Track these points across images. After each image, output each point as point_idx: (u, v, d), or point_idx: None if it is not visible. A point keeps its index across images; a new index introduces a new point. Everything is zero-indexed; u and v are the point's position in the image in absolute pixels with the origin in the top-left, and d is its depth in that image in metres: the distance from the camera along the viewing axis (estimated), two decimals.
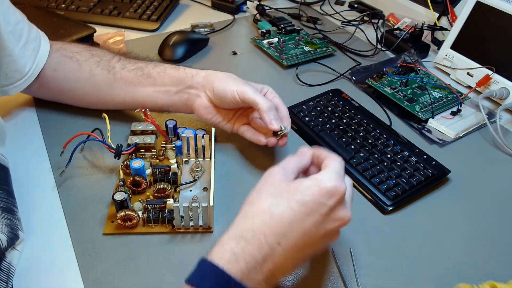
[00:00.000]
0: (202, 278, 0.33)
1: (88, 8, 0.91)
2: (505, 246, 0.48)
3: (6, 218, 0.44)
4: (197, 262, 0.35)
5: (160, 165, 0.52)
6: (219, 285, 0.33)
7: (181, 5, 1.00)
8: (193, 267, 0.34)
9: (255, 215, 0.36)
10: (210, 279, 0.33)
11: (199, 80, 0.54)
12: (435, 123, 0.64)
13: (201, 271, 0.34)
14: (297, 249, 0.36)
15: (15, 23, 0.54)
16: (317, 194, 0.36)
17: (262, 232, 0.35)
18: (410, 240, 0.48)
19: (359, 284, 0.43)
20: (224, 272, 0.33)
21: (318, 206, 0.36)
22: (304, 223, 0.36)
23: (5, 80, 0.55)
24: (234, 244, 0.34)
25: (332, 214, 0.37)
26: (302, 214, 0.36)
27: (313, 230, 0.36)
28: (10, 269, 0.42)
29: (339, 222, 0.37)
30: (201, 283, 0.33)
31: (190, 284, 0.33)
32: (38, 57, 0.57)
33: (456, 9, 0.84)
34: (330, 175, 0.37)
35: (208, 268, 0.34)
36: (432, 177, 0.54)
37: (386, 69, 0.73)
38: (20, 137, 0.59)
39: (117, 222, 0.47)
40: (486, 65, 0.68)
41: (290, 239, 0.35)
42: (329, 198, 0.36)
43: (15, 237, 0.44)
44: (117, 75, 0.57)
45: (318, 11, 0.98)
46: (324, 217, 0.36)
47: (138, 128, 0.57)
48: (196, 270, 0.34)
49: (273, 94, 0.56)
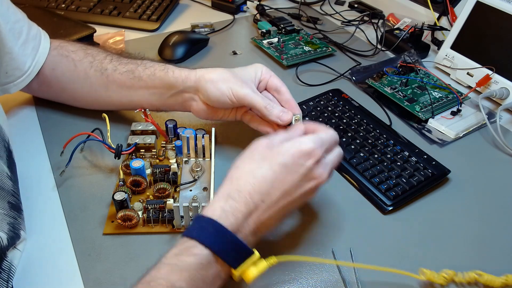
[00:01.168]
0: (201, 230, 0.37)
1: (88, 8, 0.91)
2: (505, 245, 0.48)
3: (11, 217, 0.44)
4: (193, 219, 0.38)
5: (160, 165, 0.52)
6: (217, 236, 0.36)
7: (181, 5, 1.00)
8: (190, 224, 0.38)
9: (240, 177, 0.40)
10: (209, 230, 0.36)
11: (191, 85, 0.52)
12: (435, 123, 0.64)
13: (199, 225, 0.37)
14: (279, 206, 0.40)
15: (14, 21, 0.54)
16: (296, 156, 0.40)
17: (247, 191, 0.39)
18: (410, 240, 0.48)
19: (359, 284, 0.43)
20: (220, 225, 0.37)
21: (297, 166, 0.40)
22: (284, 183, 0.40)
23: (5, 78, 0.55)
24: (223, 203, 0.38)
25: (309, 173, 0.41)
26: (283, 174, 0.39)
27: (293, 189, 0.40)
28: (11, 269, 0.42)
29: (315, 182, 0.41)
30: (201, 234, 0.36)
31: (190, 237, 0.37)
32: (37, 55, 0.57)
33: (456, 9, 0.84)
34: (311, 139, 0.41)
35: (205, 221, 0.37)
36: (432, 177, 0.54)
37: (386, 69, 0.73)
38: (20, 137, 0.59)
39: (117, 222, 0.47)
40: (486, 65, 0.68)
41: (273, 197, 0.39)
42: (307, 159, 0.40)
43: (16, 236, 0.44)
44: (109, 78, 0.56)
45: (318, 11, 0.98)
46: (303, 177, 0.40)
47: (138, 128, 0.57)
48: (194, 224, 0.38)
49: (269, 73, 0.53)
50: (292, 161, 0.40)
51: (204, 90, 0.51)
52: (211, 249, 0.36)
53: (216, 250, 0.36)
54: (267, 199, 0.39)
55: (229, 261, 0.36)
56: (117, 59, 0.57)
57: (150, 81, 0.54)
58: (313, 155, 0.40)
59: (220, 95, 0.50)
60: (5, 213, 0.44)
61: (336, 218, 0.50)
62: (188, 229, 0.38)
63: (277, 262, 0.38)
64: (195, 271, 0.35)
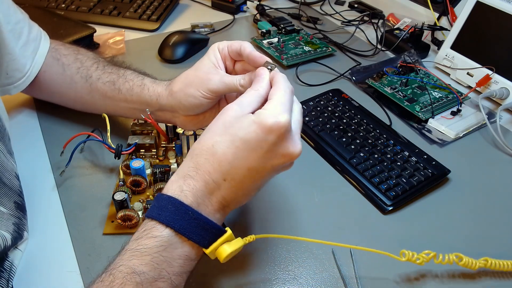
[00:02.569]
0: (161, 209, 0.35)
1: (88, 8, 0.91)
2: (505, 245, 0.48)
3: (16, 217, 0.44)
4: (154, 199, 0.36)
5: (160, 165, 0.52)
6: (178, 214, 0.34)
7: (181, 5, 1.00)
8: None
9: (199, 153, 0.37)
10: (169, 209, 0.35)
11: (165, 103, 0.49)
12: (435, 123, 0.64)
13: (158, 204, 0.35)
14: (244, 183, 0.37)
15: (15, 22, 0.54)
16: (258, 131, 0.36)
17: (207, 170, 0.36)
18: (410, 240, 0.48)
19: (359, 284, 0.43)
20: (181, 202, 0.35)
21: (260, 142, 0.36)
22: (248, 160, 0.36)
23: (5, 79, 0.55)
24: (181, 182, 0.36)
25: (276, 149, 0.37)
26: (245, 151, 0.36)
27: (258, 165, 0.37)
28: (12, 269, 0.42)
29: (286, 158, 0.37)
30: (160, 213, 0.35)
31: (150, 217, 0.35)
32: (36, 57, 0.57)
33: (456, 9, 0.84)
34: (271, 109, 0.36)
35: (164, 200, 0.35)
36: (432, 177, 0.54)
37: (386, 69, 0.73)
38: (20, 137, 0.59)
39: (117, 222, 0.47)
40: (486, 65, 0.68)
41: (235, 175, 0.36)
42: (269, 134, 0.36)
43: (19, 236, 0.44)
44: (92, 86, 0.55)
45: (318, 11, 0.98)
46: (268, 153, 0.36)
47: (138, 128, 0.57)
48: (153, 204, 0.36)
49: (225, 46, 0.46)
50: (255, 136, 0.36)
51: (178, 105, 0.48)
52: (172, 228, 0.34)
53: (178, 229, 0.34)
54: (229, 178, 0.36)
55: (196, 240, 0.35)
56: (102, 68, 0.56)
57: (128, 95, 0.52)
58: (276, 129, 0.36)
59: (194, 100, 0.46)
60: (11, 213, 0.44)
61: (336, 218, 0.50)
62: (149, 209, 0.36)
63: (254, 239, 0.37)
64: (157, 254, 0.34)
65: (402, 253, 0.41)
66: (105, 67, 0.56)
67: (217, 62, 0.45)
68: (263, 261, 0.45)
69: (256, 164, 0.36)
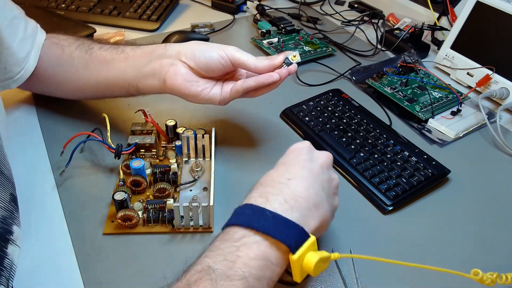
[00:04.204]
0: (238, 215, 0.35)
1: (88, 8, 0.91)
2: (505, 246, 0.48)
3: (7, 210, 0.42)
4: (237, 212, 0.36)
5: (160, 165, 0.52)
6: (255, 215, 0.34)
7: (181, 5, 1.00)
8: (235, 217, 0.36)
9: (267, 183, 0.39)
10: (246, 213, 0.35)
11: (173, 48, 0.50)
12: (435, 123, 0.64)
13: (235, 213, 0.36)
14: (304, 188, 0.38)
15: (12, 18, 0.54)
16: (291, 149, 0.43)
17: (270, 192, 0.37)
18: (410, 240, 0.48)
19: (359, 284, 0.43)
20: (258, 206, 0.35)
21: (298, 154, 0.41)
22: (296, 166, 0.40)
23: (4, 74, 0.56)
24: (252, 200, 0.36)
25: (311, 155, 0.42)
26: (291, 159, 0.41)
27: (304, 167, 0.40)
28: (12, 267, 0.42)
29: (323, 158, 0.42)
30: (238, 218, 0.35)
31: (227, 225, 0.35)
32: (34, 50, 0.57)
33: (456, 9, 0.84)
34: None
35: (242, 207, 0.36)
36: (432, 177, 0.54)
37: (386, 69, 0.73)
38: (20, 137, 0.59)
39: (117, 222, 0.47)
40: (486, 65, 0.68)
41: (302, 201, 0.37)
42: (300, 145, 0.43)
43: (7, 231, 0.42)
44: (92, 55, 0.55)
45: (318, 11, 0.98)
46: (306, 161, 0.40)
47: (138, 128, 0.57)
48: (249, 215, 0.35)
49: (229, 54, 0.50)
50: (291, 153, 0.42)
51: (189, 52, 0.49)
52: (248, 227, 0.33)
53: (256, 227, 0.33)
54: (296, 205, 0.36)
55: (280, 238, 0.33)
56: (106, 43, 0.57)
57: (132, 52, 0.53)
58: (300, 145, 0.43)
59: (208, 52, 0.48)
60: (3, 205, 0.43)
61: (336, 218, 0.50)
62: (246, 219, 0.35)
63: (339, 258, 0.36)
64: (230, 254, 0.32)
65: (476, 273, 0.37)
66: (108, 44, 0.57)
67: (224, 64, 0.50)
68: None
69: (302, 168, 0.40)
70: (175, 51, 0.50)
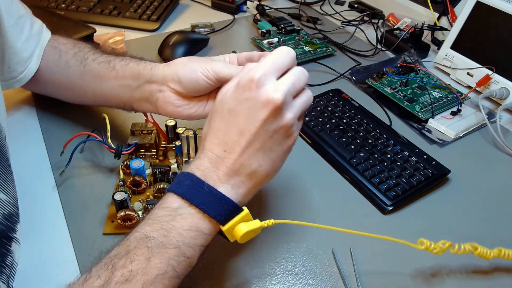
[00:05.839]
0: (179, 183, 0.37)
1: (88, 8, 0.91)
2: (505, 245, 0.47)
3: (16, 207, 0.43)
4: None
5: (160, 165, 0.52)
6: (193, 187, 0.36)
7: (181, 5, 1.00)
8: None
9: (203, 137, 0.40)
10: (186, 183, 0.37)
11: (158, 72, 0.48)
12: (435, 123, 0.64)
13: (177, 180, 0.38)
14: (244, 149, 0.37)
15: (18, 17, 0.54)
16: (235, 94, 0.37)
17: (208, 147, 0.38)
18: (410, 240, 0.48)
19: (359, 284, 0.43)
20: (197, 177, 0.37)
21: (239, 102, 0.37)
22: (236, 124, 0.37)
23: (8, 73, 0.56)
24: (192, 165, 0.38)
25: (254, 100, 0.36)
26: (231, 117, 0.38)
27: (248, 125, 0.37)
28: (13, 265, 0.42)
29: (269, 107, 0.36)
30: (178, 187, 0.37)
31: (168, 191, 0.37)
32: (37, 50, 0.57)
33: (456, 9, 0.84)
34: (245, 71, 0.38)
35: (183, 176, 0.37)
36: (432, 177, 0.54)
37: (386, 69, 0.73)
38: (20, 137, 0.59)
39: (117, 222, 0.47)
40: (486, 65, 0.68)
41: (232, 144, 0.37)
42: (242, 89, 0.37)
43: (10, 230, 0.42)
44: (86, 67, 0.55)
45: (318, 11, 0.98)
46: (250, 109, 0.36)
47: (138, 128, 0.57)
48: (173, 181, 0.38)
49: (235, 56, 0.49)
50: (235, 101, 0.37)
51: (174, 75, 0.47)
52: (186, 200, 0.36)
53: (192, 200, 0.35)
54: (228, 148, 0.37)
55: (212, 214, 0.35)
56: (100, 53, 0.56)
57: (121, 70, 0.52)
58: (244, 83, 0.36)
59: (191, 73, 0.46)
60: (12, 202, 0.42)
61: (336, 218, 0.50)
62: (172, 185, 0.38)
63: (273, 224, 0.38)
64: (166, 222, 0.35)
65: (420, 242, 0.41)
66: (104, 53, 0.56)
67: (224, 59, 0.49)
68: (263, 261, 0.45)
69: (244, 125, 0.37)
70: (161, 76, 0.48)
